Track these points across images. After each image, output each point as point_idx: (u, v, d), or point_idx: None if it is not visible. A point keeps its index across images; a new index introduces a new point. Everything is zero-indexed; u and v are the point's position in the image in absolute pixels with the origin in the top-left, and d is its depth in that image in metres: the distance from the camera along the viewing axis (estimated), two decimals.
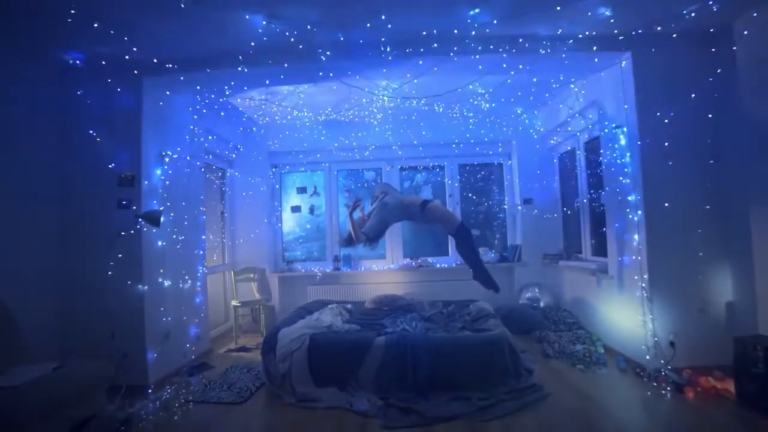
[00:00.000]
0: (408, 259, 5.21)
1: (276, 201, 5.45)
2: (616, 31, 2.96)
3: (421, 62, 3.27)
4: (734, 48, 2.87)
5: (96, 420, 2.40)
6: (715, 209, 3.09)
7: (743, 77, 2.85)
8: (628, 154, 3.29)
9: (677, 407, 2.62)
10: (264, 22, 2.76)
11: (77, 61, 3.11)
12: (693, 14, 2.72)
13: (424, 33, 2.92)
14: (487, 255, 5.04)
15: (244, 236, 5.20)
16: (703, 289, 3.08)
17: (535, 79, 3.94)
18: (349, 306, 4.26)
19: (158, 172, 3.47)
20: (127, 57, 3.00)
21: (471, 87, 4.02)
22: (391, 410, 2.68)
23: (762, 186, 2.78)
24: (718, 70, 2.96)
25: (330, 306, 4.12)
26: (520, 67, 3.43)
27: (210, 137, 4.40)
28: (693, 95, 3.09)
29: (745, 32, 2.73)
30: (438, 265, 5.14)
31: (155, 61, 3.09)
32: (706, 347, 3.01)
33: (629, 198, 3.26)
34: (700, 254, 3.06)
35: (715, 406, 2.58)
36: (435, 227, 3.91)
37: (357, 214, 3.36)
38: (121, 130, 3.26)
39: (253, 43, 2.98)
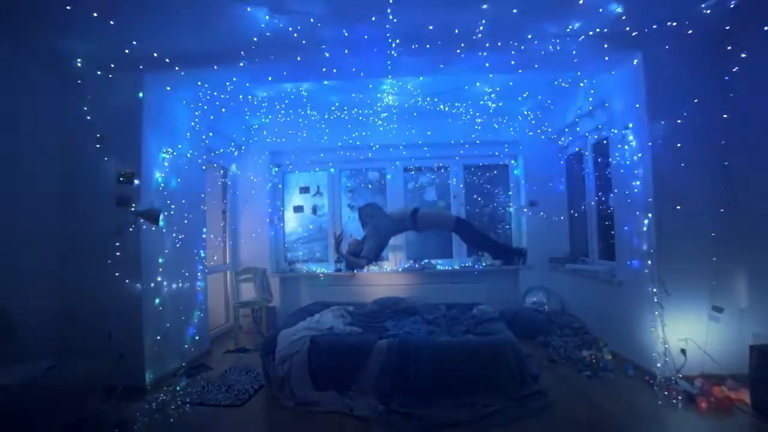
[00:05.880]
0: (411, 261, 5.14)
1: (278, 200, 5.40)
2: (627, 29, 2.88)
3: (426, 59, 3.21)
4: (751, 46, 2.79)
5: (91, 421, 2.35)
6: (730, 213, 3.00)
7: (760, 76, 2.76)
8: (638, 155, 3.20)
9: (689, 418, 2.52)
10: (267, 17, 2.71)
11: (78, 59, 3.06)
12: (708, 11, 2.63)
13: (431, 28, 2.84)
14: (490, 258, 4.97)
15: (245, 236, 5.15)
16: (716, 295, 2.98)
17: (542, 79, 3.86)
18: (350, 308, 4.19)
19: (158, 169, 3.42)
20: (127, 51, 2.95)
21: (477, 84, 3.95)
22: (392, 416, 2.62)
23: None
24: (734, 69, 2.87)
25: (331, 308, 4.05)
26: (535, 66, 3.35)
27: (211, 134, 4.35)
28: (707, 95, 3.00)
29: (766, 28, 2.63)
30: (441, 267, 5.07)
31: (156, 55, 3.04)
32: (718, 355, 2.91)
33: (639, 200, 3.17)
34: (714, 259, 2.97)
35: (730, 418, 2.49)
36: (434, 231, 3.84)
37: (345, 245, 3.31)
38: (121, 126, 3.22)
39: (255, 39, 2.92)
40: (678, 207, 3.00)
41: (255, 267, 4.83)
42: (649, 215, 3.09)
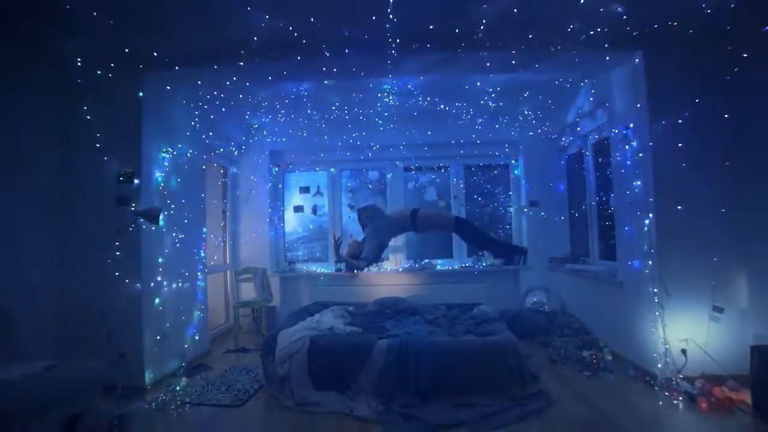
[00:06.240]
0: (411, 261, 5.14)
1: (278, 200, 5.40)
2: (628, 28, 2.87)
3: (427, 59, 3.20)
4: (751, 46, 2.77)
5: (89, 420, 2.35)
6: (731, 213, 2.99)
7: (761, 76, 2.75)
8: (639, 155, 3.19)
9: (690, 418, 2.51)
10: (267, 17, 2.70)
11: (78, 59, 3.06)
12: (709, 10, 2.62)
13: (431, 27, 2.84)
14: (491, 258, 4.97)
15: (245, 235, 5.14)
16: (716, 295, 2.97)
17: (543, 78, 3.85)
18: (350, 308, 4.19)
19: (158, 169, 3.41)
20: (127, 51, 2.94)
21: (478, 84, 3.94)
22: (392, 416, 2.61)
23: None
24: (735, 69, 2.86)
25: (331, 308, 4.05)
26: (536, 66, 3.34)
27: (211, 134, 4.35)
28: (708, 95, 2.99)
29: (766, 28, 2.63)
30: (441, 268, 5.06)
31: (156, 55, 3.04)
32: (719, 356, 2.90)
33: (640, 200, 3.16)
34: (715, 259, 2.96)
35: (731, 418, 2.48)
36: (434, 232, 3.81)
37: (345, 247, 3.31)
38: (121, 126, 3.21)
39: (255, 38, 2.91)
40: (679, 207, 2.99)
41: (255, 267, 4.82)
42: (650, 215, 3.08)
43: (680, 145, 3.01)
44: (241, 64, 3.15)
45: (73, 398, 2.25)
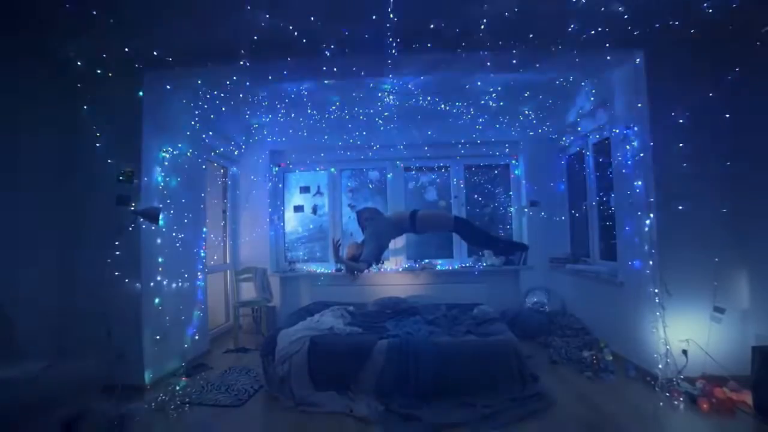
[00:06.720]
0: (411, 261, 5.13)
1: (278, 200, 5.39)
2: (630, 28, 2.86)
3: (427, 58, 3.20)
4: (753, 45, 2.76)
5: (88, 420, 2.34)
6: (732, 213, 2.98)
7: (762, 76, 2.75)
8: (640, 155, 3.19)
9: (691, 419, 2.51)
10: (267, 17, 2.70)
11: (78, 59, 3.06)
12: (711, 10, 2.61)
13: (432, 27, 2.83)
14: (491, 258, 4.97)
15: (245, 235, 5.14)
16: (717, 295, 2.96)
17: (543, 78, 3.85)
18: (350, 308, 4.19)
19: (158, 168, 3.41)
20: (127, 50, 2.94)
21: (479, 84, 3.94)
22: (392, 416, 2.61)
23: None
24: (737, 69, 2.86)
25: (331, 308, 4.05)
26: (536, 66, 3.33)
27: (211, 133, 4.34)
28: (708, 95, 2.98)
29: (766, 29, 2.62)
30: (441, 268, 5.06)
31: (155, 54, 3.04)
32: (720, 356, 2.89)
33: (641, 201, 3.16)
34: (716, 260, 2.95)
35: (732, 420, 2.47)
36: (433, 233, 3.81)
37: (344, 249, 3.31)
38: (121, 125, 3.21)
39: (255, 38, 2.91)
40: (680, 207, 2.98)
41: (255, 267, 4.82)
42: (651, 215, 3.07)
43: (681, 145, 3.00)
44: (241, 64, 3.15)
45: (72, 398, 2.25)
